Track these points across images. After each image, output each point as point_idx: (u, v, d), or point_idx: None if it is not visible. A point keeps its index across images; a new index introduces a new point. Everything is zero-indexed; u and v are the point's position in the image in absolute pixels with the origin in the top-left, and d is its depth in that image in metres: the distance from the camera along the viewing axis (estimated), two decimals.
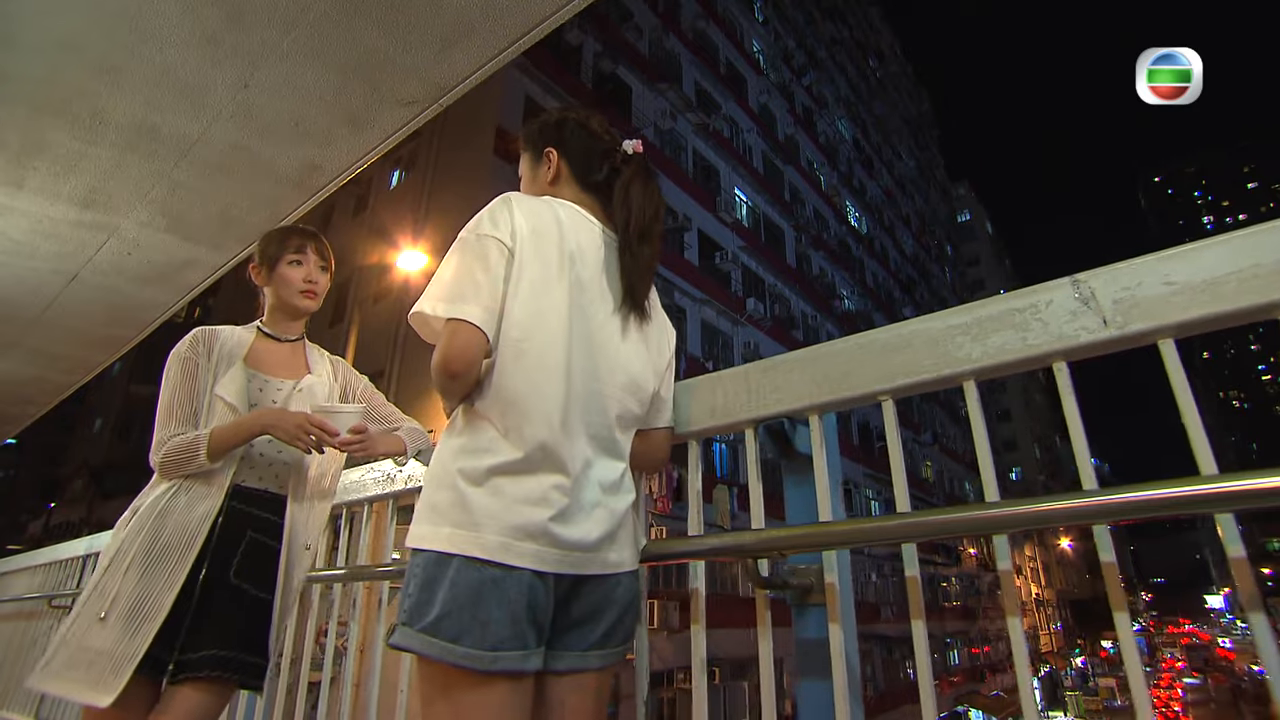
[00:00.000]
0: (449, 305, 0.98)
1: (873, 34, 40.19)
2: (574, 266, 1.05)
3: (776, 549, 0.94)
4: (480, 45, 2.28)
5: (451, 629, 0.87)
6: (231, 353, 1.54)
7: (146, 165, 2.79)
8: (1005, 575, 0.91)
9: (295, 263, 1.62)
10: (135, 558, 1.36)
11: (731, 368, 1.16)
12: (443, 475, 0.97)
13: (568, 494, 0.95)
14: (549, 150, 1.20)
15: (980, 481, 0.93)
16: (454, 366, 0.96)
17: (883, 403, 0.99)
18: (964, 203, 61.02)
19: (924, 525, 0.84)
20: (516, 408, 0.96)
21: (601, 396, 1.03)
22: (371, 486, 1.75)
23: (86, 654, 1.30)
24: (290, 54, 2.24)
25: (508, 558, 0.90)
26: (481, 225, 1.03)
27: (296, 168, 2.86)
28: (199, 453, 1.40)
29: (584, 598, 0.98)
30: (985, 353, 0.89)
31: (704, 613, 1.13)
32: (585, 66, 15.63)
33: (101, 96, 2.38)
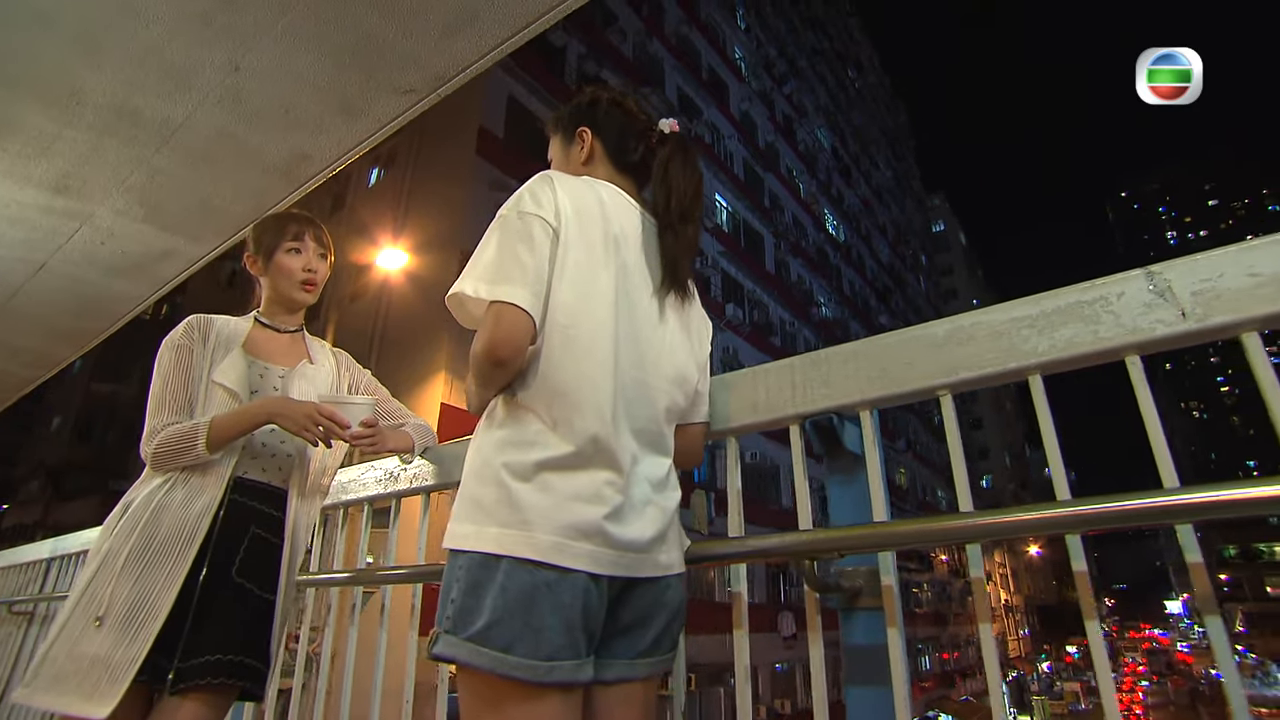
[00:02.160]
0: (492, 287, 0.91)
1: (852, 45, 40.74)
2: (619, 250, 0.99)
3: (836, 549, 0.89)
4: (483, 33, 2.21)
5: (502, 637, 0.81)
6: (229, 339, 1.45)
7: (125, 150, 2.67)
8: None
9: (294, 251, 1.53)
10: (130, 556, 1.26)
11: (774, 361, 1.11)
12: (485, 470, 0.90)
13: (621, 491, 0.89)
14: (582, 130, 1.14)
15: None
16: (501, 353, 0.89)
17: (941, 398, 0.95)
18: (938, 213, 62.06)
19: (990, 526, 0.80)
20: (566, 399, 0.90)
21: (649, 388, 0.97)
22: (372, 485, 1.67)
23: (80, 662, 1.19)
24: (284, 36, 2.15)
25: (562, 559, 0.84)
26: (523, 203, 0.97)
27: (285, 157, 2.76)
28: (197, 443, 1.30)
29: (634, 602, 0.92)
30: (1053, 346, 0.86)
31: (746, 617, 1.07)
32: (569, 68, 15.58)
33: (80, 75, 2.27)
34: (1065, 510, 0.76)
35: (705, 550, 1.05)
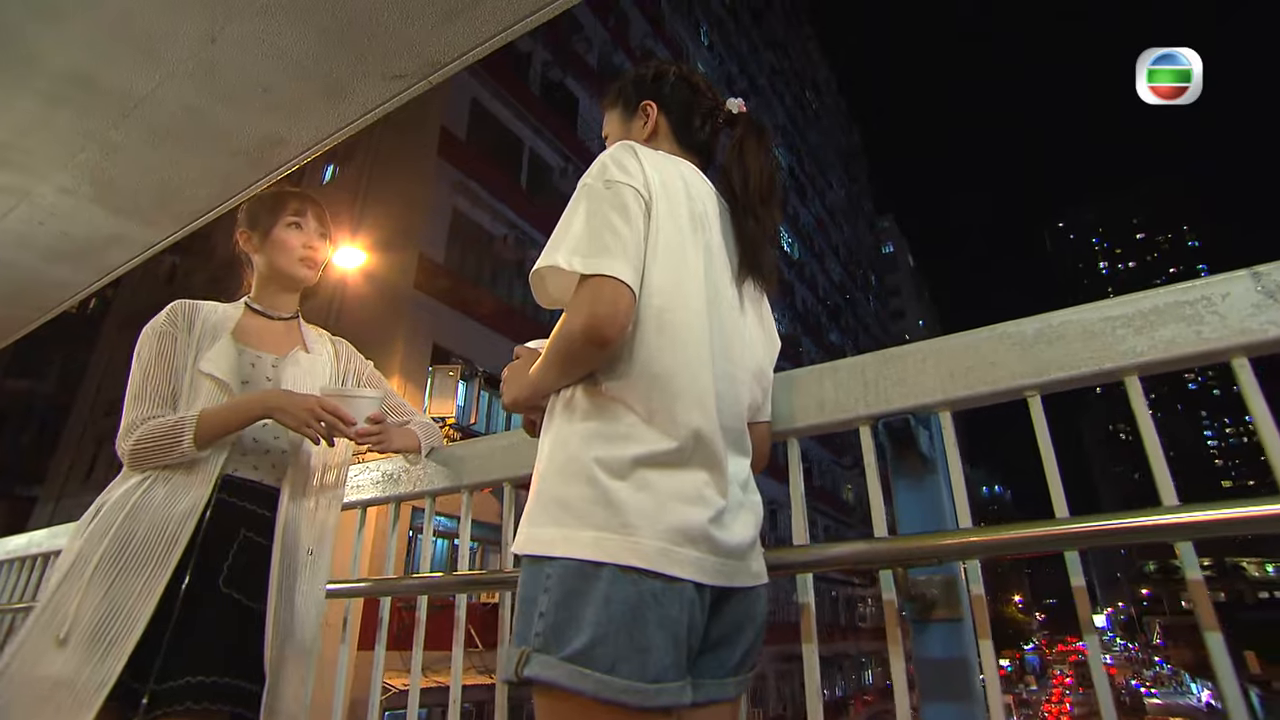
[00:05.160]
0: (588, 259, 0.81)
1: (810, 67, 41.79)
2: (705, 231, 0.91)
3: (934, 557, 0.84)
4: (484, 19, 2.11)
5: (606, 657, 0.71)
6: (216, 326, 1.31)
7: (78, 122, 2.46)
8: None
9: (294, 225, 1.41)
10: (101, 563, 1.11)
11: (846, 358, 1.05)
12: (572, 465, 0.80)
13: (722, 492, 0.81)
14: (647, 104, 1.07)
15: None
16: (608, 331, 0.79)
17: (1029, 399, 0.90)
18: (888, 235, 63.97)
19: (1090, 533, 0.76)
20: (664, 388, 0.81)
21: (735, 382, 0.89)
22: (369, 488, 1.53)
23: (39, 686, 1.03)
24: (270, 9, 2.01)
25: (670, 567, 0.74)
26: (609, 172, 0.88)
27: (256, 139, 2.59)
28: (183, 438, 1.16)
29: (727, 615, 0.83)
30: (1152, 346, 0.82)
31: (815, 631, 1.00)
32: (534, 74, 15.48)
33: (35, 37, 2.07)
34: (1170, 517, 0.74)
35: (786, 558, 0.98)
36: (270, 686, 1.15)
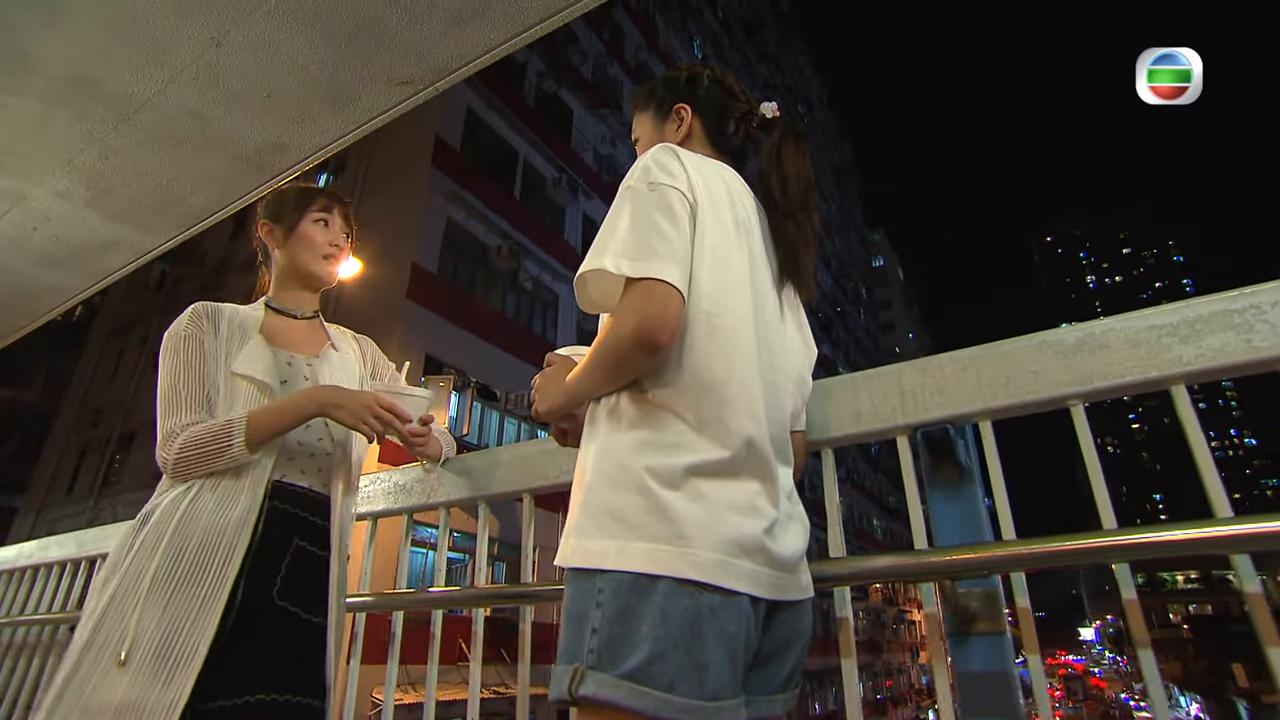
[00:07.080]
0: (636, 262, 0.79)
1: (802, 82, 42.20)
2: (748, 236, 0.89)
3: (982, 569, 0.82)
4: (493, 26, 2.10)
5: (665, 674, 0.68)
6: (243, 327, 1.27)
7: (77, 125, 2.42)
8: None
9: (321, 222, 1.37)
10: (157, 577, 1.05)
11: (879, 367, 1.03)
12: (622, 474, 0.77)
13: (774, 503, 0.78)
14: (681, 107, 1.05)
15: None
16: (660, 336, 0.76)
17: (1072, 408, 0.88)
18: (878, 248, 64.40)
19: (1143, 544, 0.75)
20: (715, 395, 0.79)
21: (779, 390, 0.87)
22: (380, 499, 1.49)
23: (103, 713, 0.97)
24: (277, 13, 1.99)
25: (727, 580, 0.72)
26: (652, 174, 0.85)
27: (258, 145, 2.56)
28: (232, 442, 1.11)
29: (777, 629, 0.81)
30: (1200, 355, 0.81)
31: (854, 645, 0.98)
32: (529, 85, 15.53)
33: (35, 36, 2.04)
34: (1221, 529, 0.73)
35: (827, 570, 0.95)
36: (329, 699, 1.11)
